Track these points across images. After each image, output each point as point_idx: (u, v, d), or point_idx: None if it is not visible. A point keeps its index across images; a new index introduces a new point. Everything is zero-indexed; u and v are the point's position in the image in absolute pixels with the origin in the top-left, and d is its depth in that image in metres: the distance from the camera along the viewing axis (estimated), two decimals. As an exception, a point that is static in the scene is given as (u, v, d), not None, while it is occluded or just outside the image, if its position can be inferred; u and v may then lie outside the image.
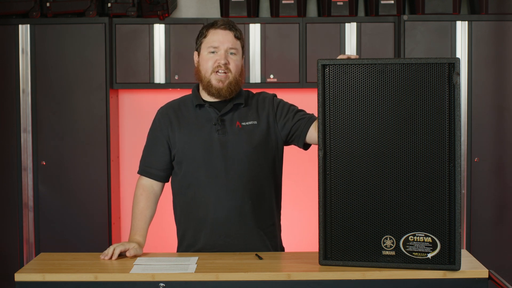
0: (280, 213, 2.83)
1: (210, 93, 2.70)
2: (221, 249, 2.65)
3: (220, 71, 2.66)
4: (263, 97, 2.79)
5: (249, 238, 2.68)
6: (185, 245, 2.74)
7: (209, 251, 2.66)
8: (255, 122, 2.71)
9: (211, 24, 2.72)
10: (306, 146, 2.76)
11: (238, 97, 2.73)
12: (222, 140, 2.67)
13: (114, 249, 2.53)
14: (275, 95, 2.81)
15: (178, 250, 2.78)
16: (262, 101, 2.77)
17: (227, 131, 2.68)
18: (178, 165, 2.73)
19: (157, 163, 2.76)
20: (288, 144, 2.79)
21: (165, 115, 2.77)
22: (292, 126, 2.72)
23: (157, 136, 2.76)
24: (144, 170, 2.79)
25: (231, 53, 2.68)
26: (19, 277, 2.33)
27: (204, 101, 2.73)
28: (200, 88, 2.76)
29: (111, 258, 2.51)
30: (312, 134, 2.68)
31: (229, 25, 2.70)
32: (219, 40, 2.67)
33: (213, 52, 2.68)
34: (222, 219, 2.66)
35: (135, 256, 2.55)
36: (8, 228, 4.60)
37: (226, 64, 2.66)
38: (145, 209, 2.74)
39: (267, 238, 2.72)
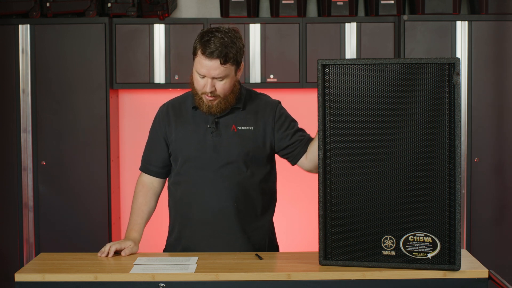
0: (272, 218, 2.84)
1: (201, 108, 2.67)
2: (205, 248, 2.68)
3: (207, 95, 2.63)
4: (265, 103, 2.75)
5: (232, 240, 2.70)
6: (174, 237, 2.80)
7: (193, 249, 2.70)
8: (251, 128, 2.70)
9: (202, 44, 2.59)
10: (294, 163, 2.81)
11: (236, 101, 2.72)
12: (215, 143, 2.68)
13: (110, 247, 2.58)
14: (279, 103, 2.78)
15: (167, 239, 2.84)
16: (263, 107, 2.73)
17: (221, 134, 2.69)
18: (174, 162, 2.77)
19: (156, 160, 2.80)
20: (279, 156, 2.81)
21: (165, 112, 2.79)
22: (289, 145, 2.73)
23: (156, 133, 2.80)
24: (145, 166, 2.84)
25: (219, 79, 2.61)
26: (19, 277, 2.33)
27: None
28: None
29: (107, 255, 2.56)
30: (303, 161, 2.74)
31: (216, 54, 2.56)
32: (204, 71, 2.59)
33: (202, 77, 2.63)
34: (206, 220, 2.70)
35: (132, 254, 2.59)
36: (8, 228, 4.60)
37: (213, 92, 2.62)
38: (143, 204, 2.78)
39: (252, 241, 2.74)
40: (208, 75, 2.60)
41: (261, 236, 2.79)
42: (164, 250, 2.83)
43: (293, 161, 2.76)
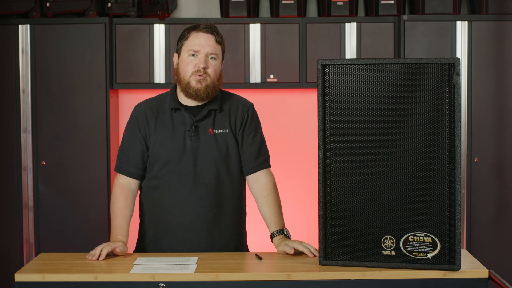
0: (245, 222, 2.85)
1: (187, 94, 2.71)
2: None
3: (198, 74, 2.66)
4: (237, 105, 2.79)
5: (211, 246, 2.69)
6: (148, 241, 2.76)
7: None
8: (226, 131, 2.73)
9: (194, 27, 2.72)
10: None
11: (213, 102, 2.74)
12: (194, 146, 2.69)
13: (102, 249, 2.54)
14: (251, 106, 2.82)
15: (138, 242, 2.81)
16: (235, 109, 2.77)
17: (200, 138, 2.69)
18: (150, 166, 2.75)
19: (136, 161, 2.75)
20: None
21: (143, 113, 2.77)
22: (243, 152, 2.75)
23: (135, 133, 2.76)
24: (123, 168, 2.78)
25: (211, 58, 2.69)
26: (19, 277, 2.33)
27: (180, 104, 2.74)
28: (178, 89, 2.77)
29: (98, 258, 2.52)
30: (252, 182, 2.75)
31: (211, 29, 2.70)
32: (200, 43, 2.67)
33: (193, 55, 2.68)
34: (186, 225, 2.69)
35: (123, 256, 2.56)
36: (8, 228, 4.60)
37: (205, 68, 2.66)
38: (125, 208, 2.74)
39: (230, 246, 2.74)
40: (203, 50, 2.67)
41: (239, 242, 2.79)
42: (135, 252, 2.79)
43: (245, 173, 2.78)
